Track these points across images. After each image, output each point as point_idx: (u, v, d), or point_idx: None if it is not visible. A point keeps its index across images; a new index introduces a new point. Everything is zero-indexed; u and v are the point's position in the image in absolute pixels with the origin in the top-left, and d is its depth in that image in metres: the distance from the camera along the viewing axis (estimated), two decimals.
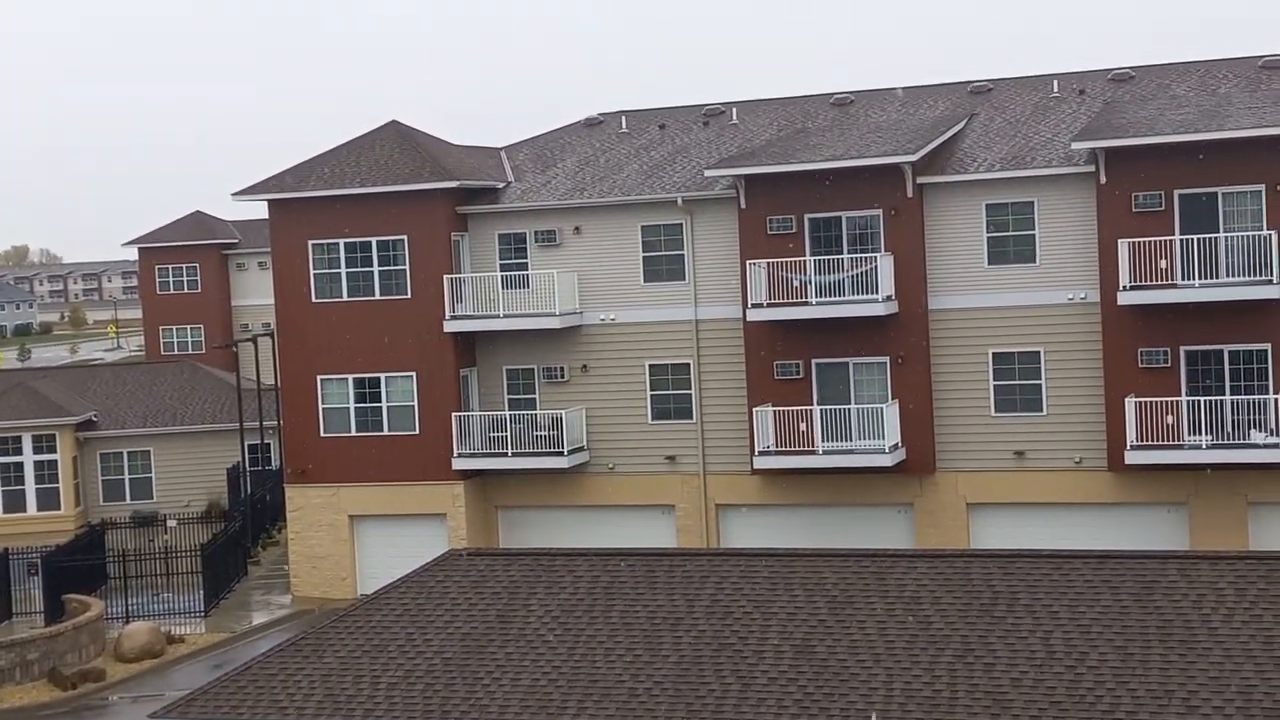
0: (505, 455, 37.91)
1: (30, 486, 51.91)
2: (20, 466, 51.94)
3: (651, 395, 37.84)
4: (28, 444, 51.90)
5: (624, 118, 43.16)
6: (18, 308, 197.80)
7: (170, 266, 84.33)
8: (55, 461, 51.99)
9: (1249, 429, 32.82)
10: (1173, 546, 33.26)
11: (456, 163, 39.76)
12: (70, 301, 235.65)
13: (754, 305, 35.67)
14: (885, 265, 34.99)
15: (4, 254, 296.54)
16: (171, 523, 50.12)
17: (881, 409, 34.94)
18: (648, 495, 37.78)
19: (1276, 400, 32.52)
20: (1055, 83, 39.79)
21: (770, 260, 35.55)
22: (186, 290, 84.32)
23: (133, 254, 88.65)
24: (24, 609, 39.33)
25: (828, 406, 35.33)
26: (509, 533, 38.99)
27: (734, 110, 42.27)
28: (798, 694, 17.21)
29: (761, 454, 35.64)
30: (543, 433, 37.78)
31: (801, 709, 16.98)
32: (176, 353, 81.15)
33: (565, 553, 20.90)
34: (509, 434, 37.93)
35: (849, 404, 35.45)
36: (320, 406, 39.27)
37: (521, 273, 38.20)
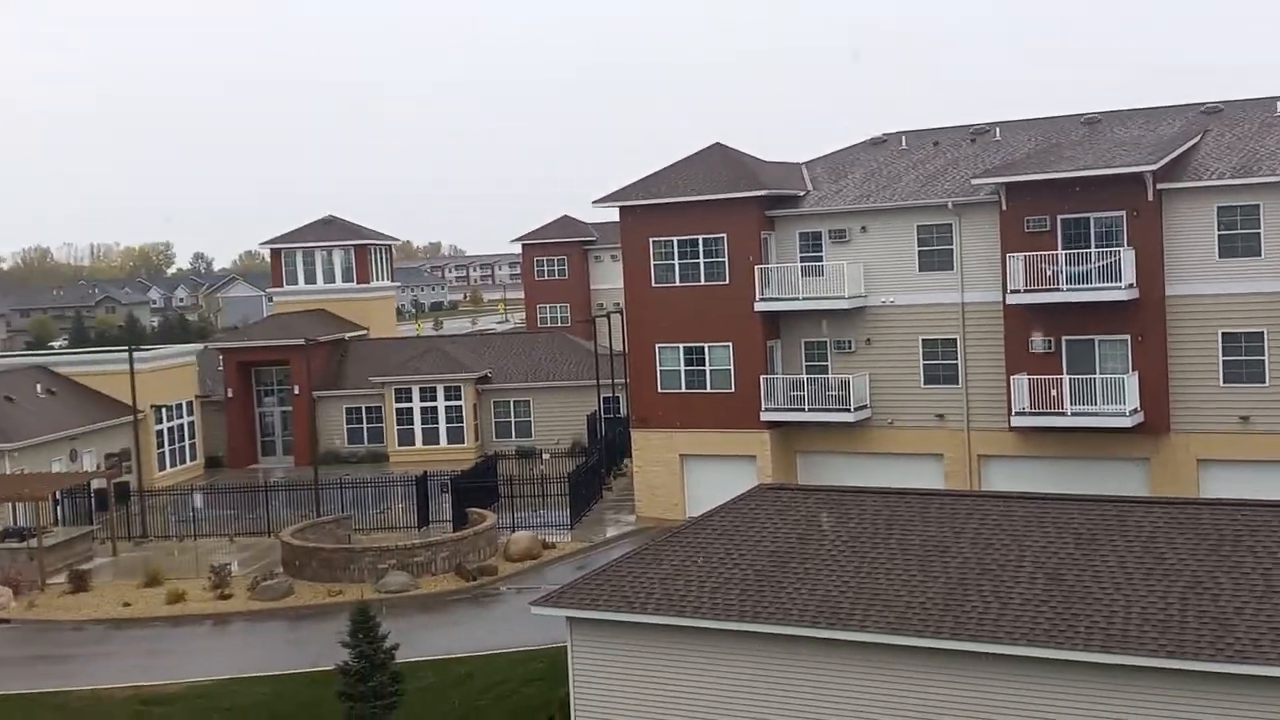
0: (803, 410, 37.75)
1: (442, 426, 54.56)
2: (435, 411, 54.62)
3: (924, 364, 36.96)
4: (440, 393, 54.58)
5: (904, 137, 42.14)
6: (432, 290, 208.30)
7: (545, 259, 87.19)
8: (460, 407, 54.45)
9: None
10: None
11: (766, 175, 39.64)
12: (471, 285, 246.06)
13: (1013, 291, 34.39)
14: (1127, 258, 33.13)
15: (423, 249, 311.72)
16: (546, 456, 51.80)
17: (1123, 379, 33.19)
18: (921, 446, 37.00)
19: None
20: (1279, 104, 36.79)
21: (1027, 253, 34.18)
22: (557, 277, 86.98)
23: (518, 249, 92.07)
24: (438, 518, 41.23)
25: (1076, 376, 33.80)
26: (806, 472, 38.84)
27: (997, 129, 40.73)
28: (1049, 613, 16.58)
29: (1017, 414, 34.39)
30: (833, 393, 37.44)
31: (1051, 624, 16.36)
32: (550, 325, 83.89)
33: (853, 490, 20.71)
34: (806, 394, 37.75)
35: (1094, 374, 33.81)
36: (658, 369, 39.90)
37: (818, 263, 37.85)
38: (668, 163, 41.41)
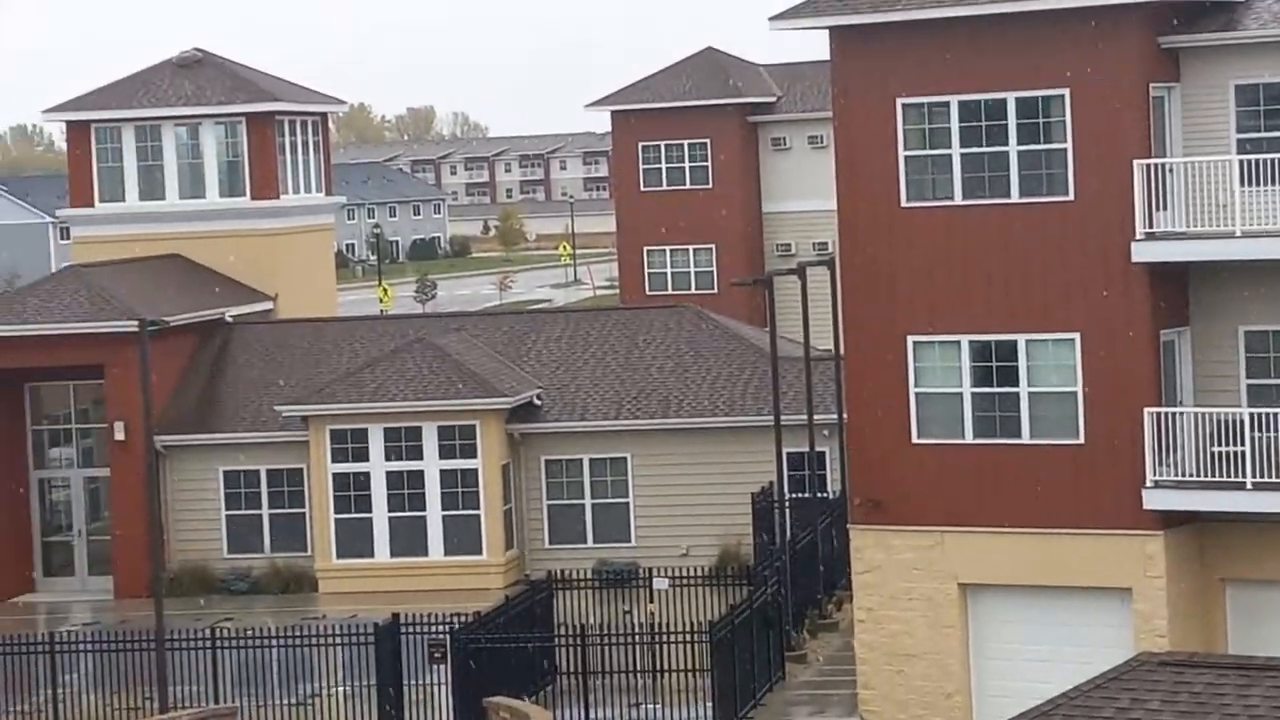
0: (1242, 487, 37.32)
1: (434, 513, 54.64)
2: (419, 478, 54.73)
3: None
4: (430, 441, 54.65)
5: None
6: (417, 213, 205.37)
7: (662, 144, 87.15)
8: (474, 472, 54.54)
9: None
10: None
11: None
12: (499, 202, 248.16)
13: None
14: None
15: (397, 121, 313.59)
16: (661, 583, 51.40)
17: None
18: None
19: None
20: None
21: None
22: (689, 185, 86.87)
23: (601, 123, 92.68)
24: (421, 716, 41.44)
25: None
26: (1246, 626, 38.38)
27: None
28: None
29: None
30: None
31: None
32: (671, 291, 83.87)
33: None
34: (1249, 449, 37.29)
35: None
36: (910, 390, 39.68)
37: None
38: None
